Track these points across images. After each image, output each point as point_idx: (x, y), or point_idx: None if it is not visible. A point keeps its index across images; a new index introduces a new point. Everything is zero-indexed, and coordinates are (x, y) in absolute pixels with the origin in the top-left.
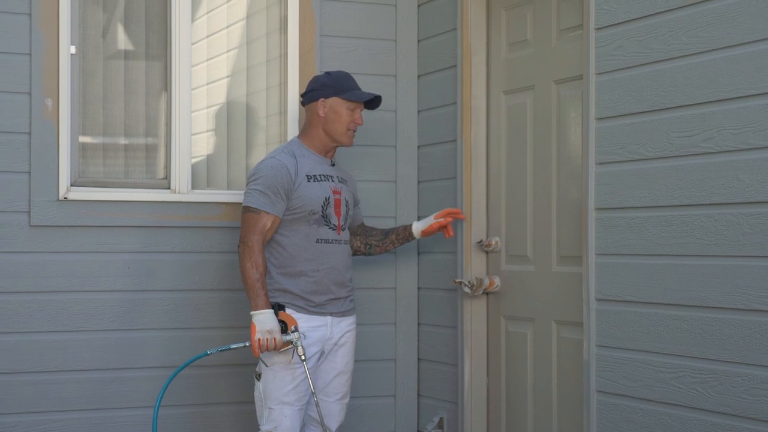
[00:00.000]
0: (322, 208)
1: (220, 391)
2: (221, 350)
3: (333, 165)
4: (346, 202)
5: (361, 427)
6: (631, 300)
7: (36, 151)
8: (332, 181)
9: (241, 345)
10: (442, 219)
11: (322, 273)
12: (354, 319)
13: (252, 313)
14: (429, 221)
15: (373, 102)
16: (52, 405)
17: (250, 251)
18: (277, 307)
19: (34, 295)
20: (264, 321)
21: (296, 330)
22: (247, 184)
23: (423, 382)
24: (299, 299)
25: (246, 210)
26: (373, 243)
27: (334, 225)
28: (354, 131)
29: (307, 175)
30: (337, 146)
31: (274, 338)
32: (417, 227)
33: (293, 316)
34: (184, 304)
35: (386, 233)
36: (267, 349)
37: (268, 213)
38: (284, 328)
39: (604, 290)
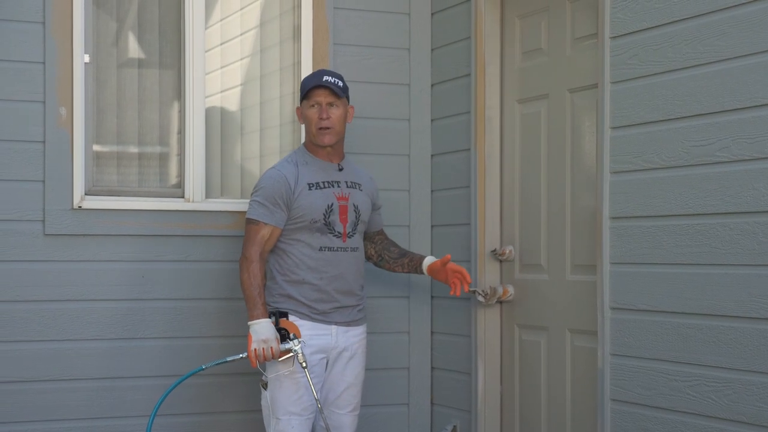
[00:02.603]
0: (324, 216)
1: (226, 399)
2: (217, 363)
3: (341, 170)
4: (355, 207)
5: None
6: (646, 309)
7: (50, 160)
8: (338, 187)
9: (238, 357)
10: (450, 273)
11: (326, 281)
12: (363, 329)
13: (249, 323)
14: (441, 269)
15: (330, 86)
16: (67, 413)
17: (247, 262)
18: (279, 315)
19: (49, 304)
20: (260, 331)
21: (295, 338)
22: (250, 196)
23: (436, 391)
24: (303, 306)
25: (247, 222)
26: (387, 257)
27: (338, 233)
28: (326, 128)
29: (309, 184)
30: (325, 147)
31: (271, 347)
32: (427, 262)
33: (297, 323)
34: (199, 313)
35: (402, 254)
36: (264, 359)
37: (266, 224)
38: (286, 335)
39: (618, 299)
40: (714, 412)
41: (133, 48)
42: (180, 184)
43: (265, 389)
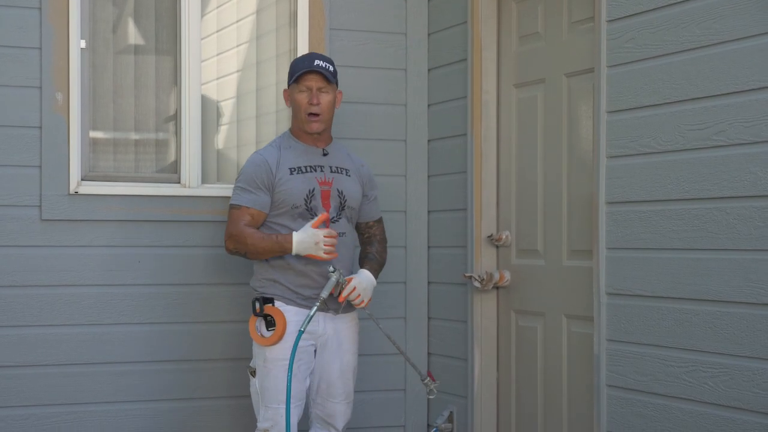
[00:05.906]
0: (306, 201)
1: (219, 385)
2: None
3: (326, 154)
4: (340, 192)
5: (372, 421)
6: (642, 294)
7: (46, 146)
8: (321, 171)
9: (333, 272)
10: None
11: (311, 266)
12: (353, 315)
13: (293, 250)
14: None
15: (321, 71)
16: (63, 398)
17: (240, 235)
18: (263, 301)
19: (46, 289)
20: (305, 240)
21: (335, 270)
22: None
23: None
24: (289, 291)
25: (230, 208)
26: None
27: None
28: (315, 114)
29: (290, 168)
30: (313, 133)
31: (324, 240)
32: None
33: (282, 308)
34: (195, 298)
35: (362, 257)
36: (333, 246)
37: (248, 207)
38: (271, 321)
39: (614, 284)
40: (710, 398)
41: (130, 34)
42: (176, 170)
43: (254, 376)
